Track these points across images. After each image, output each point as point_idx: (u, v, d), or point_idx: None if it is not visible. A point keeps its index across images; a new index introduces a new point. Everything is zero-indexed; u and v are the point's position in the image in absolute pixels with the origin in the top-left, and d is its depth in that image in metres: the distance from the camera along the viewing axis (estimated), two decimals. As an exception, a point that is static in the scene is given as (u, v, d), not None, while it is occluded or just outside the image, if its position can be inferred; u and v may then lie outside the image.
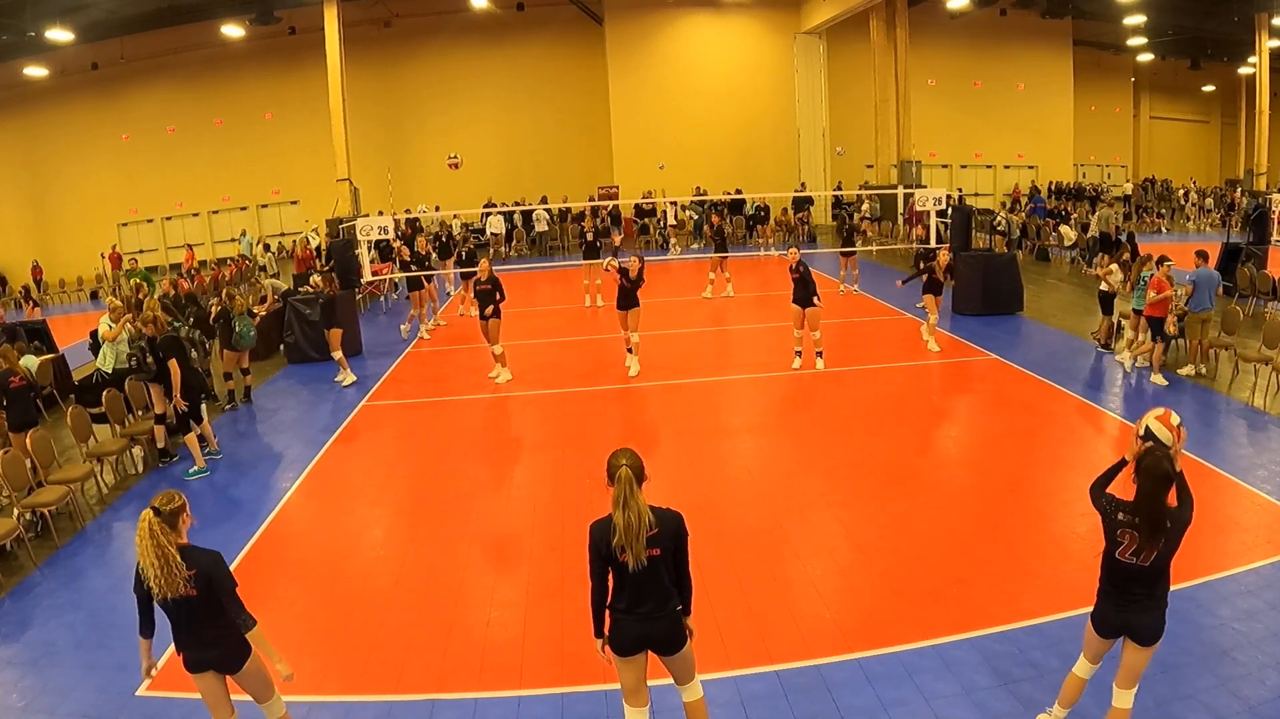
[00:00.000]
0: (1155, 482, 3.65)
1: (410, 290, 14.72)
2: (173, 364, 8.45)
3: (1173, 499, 3.74)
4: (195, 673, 3.90)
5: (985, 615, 5.33)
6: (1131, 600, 3.82)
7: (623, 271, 11.32)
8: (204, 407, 9.09)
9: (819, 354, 11.29)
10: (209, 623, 3.82)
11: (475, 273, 11.75)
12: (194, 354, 10.04)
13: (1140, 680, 4.58)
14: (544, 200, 26.50)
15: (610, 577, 3.77)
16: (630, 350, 11.59)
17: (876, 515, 6.95)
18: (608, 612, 3.84)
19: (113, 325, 10.27)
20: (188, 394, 8.56)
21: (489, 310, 11.14)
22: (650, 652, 3.87)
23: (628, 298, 11.31)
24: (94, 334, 11.71)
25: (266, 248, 25.69)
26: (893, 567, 6.10)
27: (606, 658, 3.93)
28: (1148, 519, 3.67)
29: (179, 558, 3.71)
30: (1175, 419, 3.91)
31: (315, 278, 12.67)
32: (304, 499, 8.07)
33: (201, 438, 8.98)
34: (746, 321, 14.90)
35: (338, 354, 12.02)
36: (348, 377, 11.97)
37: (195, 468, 8.66)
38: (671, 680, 4.06)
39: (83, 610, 6.07)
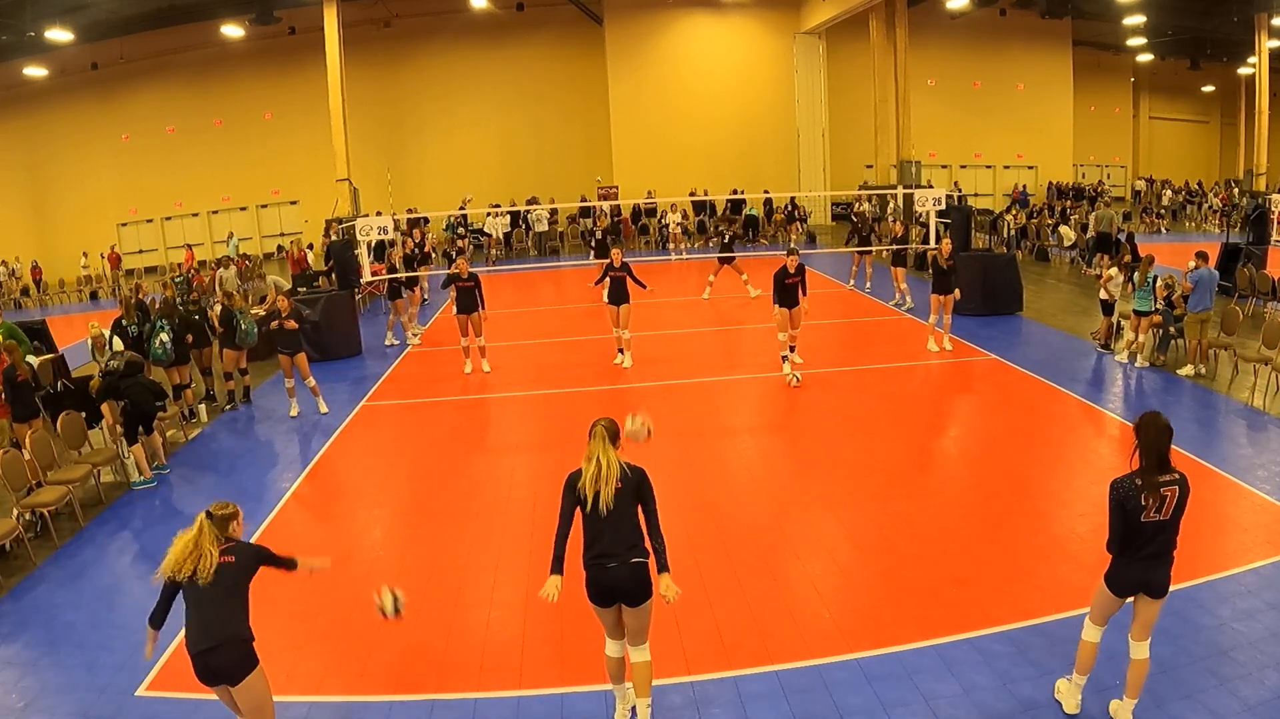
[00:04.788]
0: (1161, 430, 4.13)
1: (391, 299, 14.63)
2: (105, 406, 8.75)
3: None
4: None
5: (985, 615, 5.33)
6: (1150, 558, 4.22)
7: (608, 266, 11.63)
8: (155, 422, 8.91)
9: (792, 348, 11.20)
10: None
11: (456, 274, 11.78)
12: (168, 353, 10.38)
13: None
14: (534, 200, 26.47)
15: (581, 524, 4.09)
16: (621, 350, 11.80)
17: (876, 515, 6.95)
18: (582, 563, 4.14)
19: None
20: (137, 416, 8.58)
21: (475, 304, 11.60)
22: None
23: (618, 291, 11.54)
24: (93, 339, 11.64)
25: (234, 256, 23.42)
26: (892, 567, 6.10)
27: (547, 595, 4.08)
28: (1157, 455, 4.12)
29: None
30: None
31: (283, 301, 10.77)
32: (303, 499, 8.07)
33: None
34: (746, 322, 14.89)
35: (289, 382, 10.48)
36: (294, 407, 10.65)
37: (141, 478, 8.55)
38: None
39: (83, 610, 6.07)
